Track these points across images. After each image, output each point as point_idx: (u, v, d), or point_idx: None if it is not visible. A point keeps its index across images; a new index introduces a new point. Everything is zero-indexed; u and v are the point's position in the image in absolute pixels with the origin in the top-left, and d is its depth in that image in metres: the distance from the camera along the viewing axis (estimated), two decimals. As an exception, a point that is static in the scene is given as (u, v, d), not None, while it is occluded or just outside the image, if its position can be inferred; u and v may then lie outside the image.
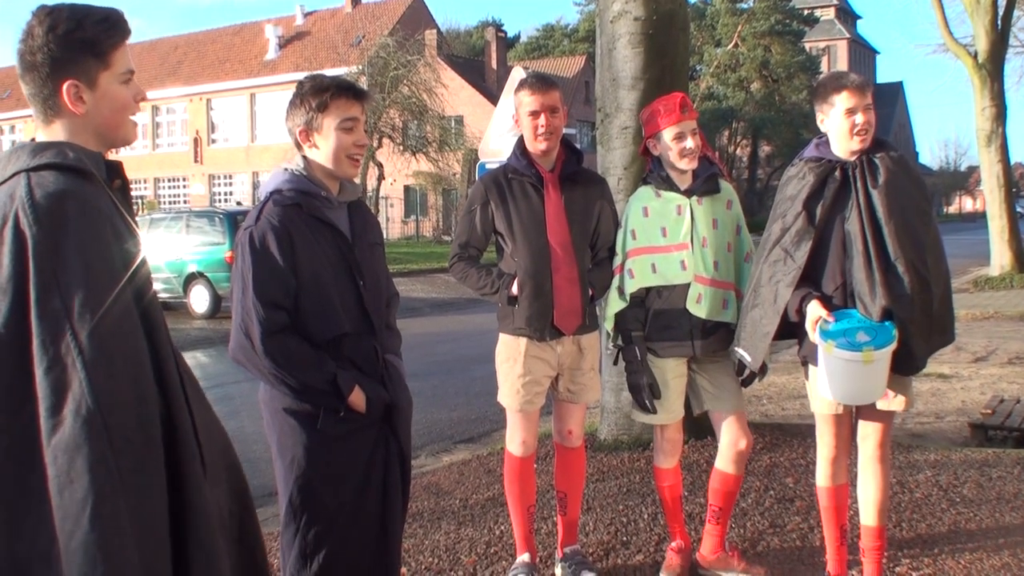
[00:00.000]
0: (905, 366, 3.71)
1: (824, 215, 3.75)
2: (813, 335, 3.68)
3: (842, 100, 3.74)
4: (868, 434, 3.96)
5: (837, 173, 3.77)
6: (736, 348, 4.00)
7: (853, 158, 3.78)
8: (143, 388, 1.99)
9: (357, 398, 3.09)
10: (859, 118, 3.71)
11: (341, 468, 3.12)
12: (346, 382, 3.07)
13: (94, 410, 1.87)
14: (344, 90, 3.17)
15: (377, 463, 3.18)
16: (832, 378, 3.67)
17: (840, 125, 3.76)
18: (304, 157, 3.22)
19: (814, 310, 3.68)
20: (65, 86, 2.12)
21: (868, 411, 3.93)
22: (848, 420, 3.99)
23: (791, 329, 3.87)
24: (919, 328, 3.63)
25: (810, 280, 3.77)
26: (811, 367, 3.93)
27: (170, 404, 2.08)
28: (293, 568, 3.11)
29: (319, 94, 3.14)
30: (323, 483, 3.10)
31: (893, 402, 3.84)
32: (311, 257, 3.08)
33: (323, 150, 3.17)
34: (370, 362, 3.21)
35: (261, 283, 3.02)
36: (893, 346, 3.55)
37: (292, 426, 3.11)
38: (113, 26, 2.19)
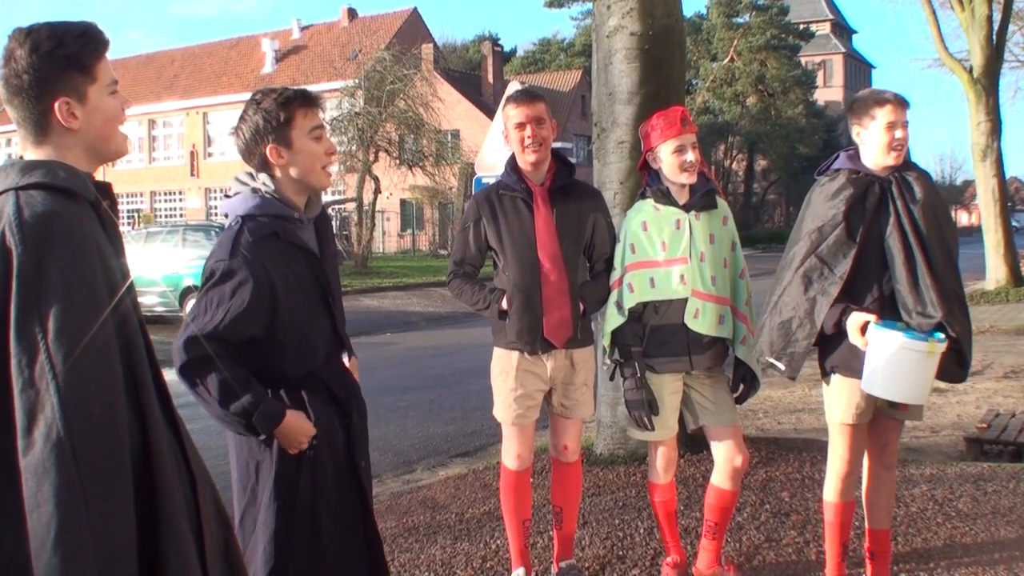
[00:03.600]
0: (957, 375, 3.81)
1: (865, 228, 3.78)
2: (863, 337, 3.67)
3: (885, 114, 3.78)
4: (888, 442, 4.05)
5: (876, 187, 3.82)
6: (768, 358, 3.98)
7: (886, 173, 3.82)
8: (115, 415, 1.97)
9: (303, 424, 2.98)
10: (899, 133, 3.77)
11: (299, 483, 3.01)
12: (275, 410, 2.94)
13: (64, 436, 1.86)
14: (307, 99, 3.05)
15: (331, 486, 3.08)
16: (887, 371, 3.64)
17: (879, 138, 3.80)
18: (273, 177, 3.07)
19: (858, 317, 3.70)
20: (57, 104, 2.12)
21: (886, 421, 4.00)
22: (864, 433, 4.00)
23: (815, 341, 3.89)
24: (967, 342, 3.74)
25: (846, 293, 3.78)
26: (835, 376, 3.93)
27: (146, 430, 2.06)
28: None
29: (284, 108, 2.99)
30: (283, 495, 3.00)
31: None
32: (288, 289, 2.97)
33: (297, 164, 3.04)
34: (341, 381, 3.16)
35: (227, 320, 2.89)
36: (945, 347, 3.62)
37: (250, 442, 3.03)
38: (92, 39, 2.18)
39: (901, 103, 3.80)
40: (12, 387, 1.90)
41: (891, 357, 3.61)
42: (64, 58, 2.12)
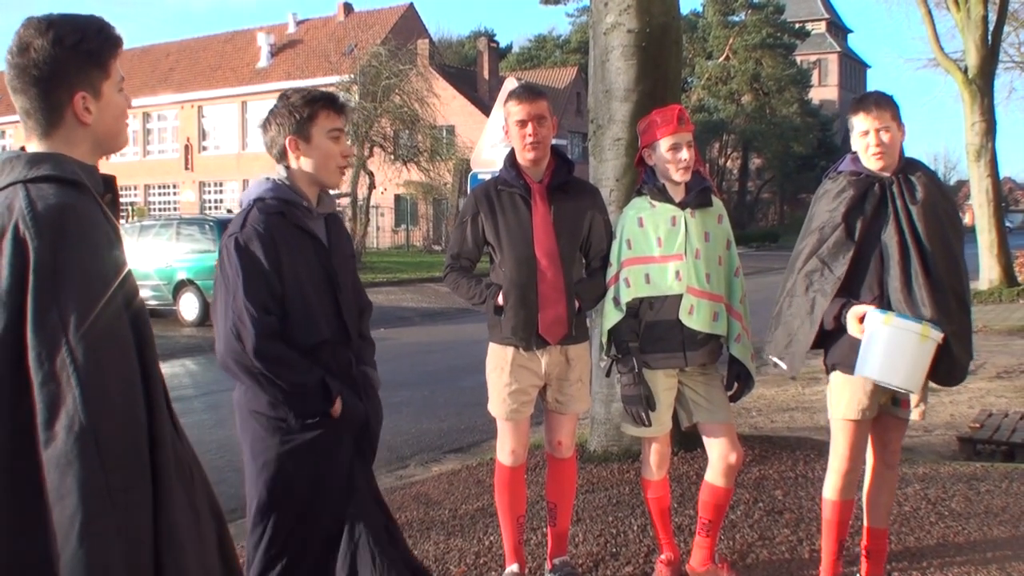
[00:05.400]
0: (949, 376, 3.82)
1: (863, 228, 3.81)
2: (861, 324, 3.70)
3: (858, 122, 3.86)
4: (891, 440, 4.08)
5: (876, 188, 3.84)
6: (770, 356, 4.06)
7: (887, 174, 3.85)
8: (134, 407, 1.99)
9: (338, 406, 3.17)
10: (871, 139, 3.81)
11: (311, 475, 3.18)
12: (334, 387, 3.15)
13: (87, 427, 1.87)
14: (331, 101, 3.30)
15: (347, 474, 3.25)
16: (880, 351, 3.64)
17: (859, 145, 3.88)
18: (287, 168, 3.31)
19: (858, 309, 3.74)
20: (76, 98, 2.12)
21: (888, 420, 4.03)
22: (867, 430, 4.00)
23: (818, 339, 3.93)
24: (960, 342, 3.74)
25: (846, 291, 3.83)
26: (837, 373, 3.96)
27: (153, 422, 2.07)
28: (257, 571, 3.17)
29: (308, 105, 3.24)
30: (293, 489, 3.17)
31: (915, 411, 3.96)
32: (294, 264, 3.16)
33: (312, 158, 3.27)
34: (346, 371, 3.29)
35: (252, 287, 3.08)
36: (940, 339, 3.62)
37: (267, 430, 3.18)
38: (109, 36, 2.20)
39: (877, 108, 3.82)
40: (31, 380, 1.90)
41: (885, 338, 3.63)
42: (87, 52, 2.13)
